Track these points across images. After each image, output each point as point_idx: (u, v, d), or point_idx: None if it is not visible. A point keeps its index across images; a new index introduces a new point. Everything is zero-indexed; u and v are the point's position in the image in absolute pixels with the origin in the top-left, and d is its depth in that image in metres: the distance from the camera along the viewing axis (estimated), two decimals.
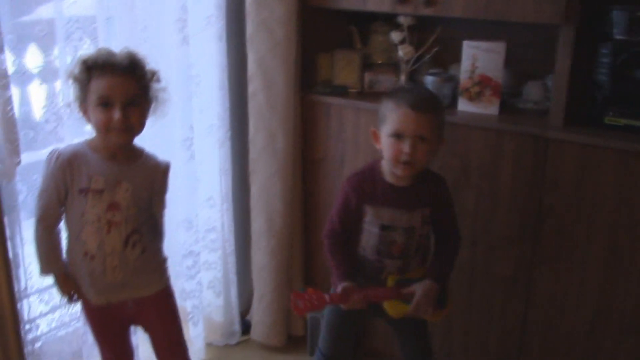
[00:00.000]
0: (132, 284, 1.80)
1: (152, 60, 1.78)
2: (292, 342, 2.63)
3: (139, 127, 1.72)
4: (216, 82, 2.32)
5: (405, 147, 1.70)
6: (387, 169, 1.81)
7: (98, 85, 1.66)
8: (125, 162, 1.76)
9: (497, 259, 2.14)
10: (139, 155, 1.81)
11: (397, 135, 1.72)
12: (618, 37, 1.85)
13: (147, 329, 1.93)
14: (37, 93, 1.94)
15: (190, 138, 2.25)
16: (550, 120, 1.96)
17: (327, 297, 1.78)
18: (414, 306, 1.77)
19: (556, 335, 2.09)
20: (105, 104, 1.66)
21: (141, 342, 2.12)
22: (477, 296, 2.21)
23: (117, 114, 1.65)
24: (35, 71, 1.90)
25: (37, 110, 1.94)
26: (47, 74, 1.91)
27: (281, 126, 2.34)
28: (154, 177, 1.81)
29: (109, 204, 1.71)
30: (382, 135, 1.78)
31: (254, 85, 2.34)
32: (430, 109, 1.73)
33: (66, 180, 1.70)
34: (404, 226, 1.81)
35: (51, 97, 1.92)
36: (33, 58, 1.88)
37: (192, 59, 2.23)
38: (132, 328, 2.00)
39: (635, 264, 1.89)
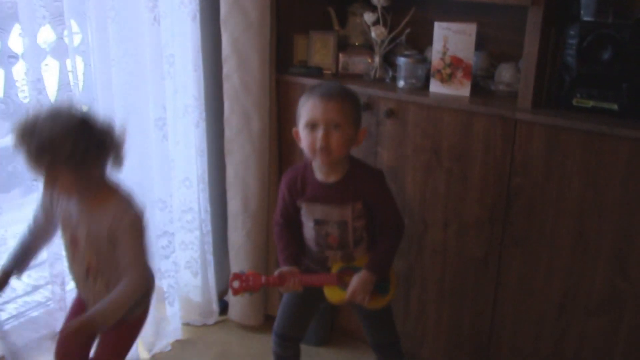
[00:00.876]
0: None
1: (123, 40, 1.77)
2: (269, 322, 2.61)
3: (71, 188, 1.67)
4: (191, 63, 2.32)
5: (319, 134, 1.76)
6: (317, 166, 1.87)
7: None
8: (89, 205, 1.73)
9: (469, 240, 2.15)
10: (106, 199, 1.74)
11: (311, 125, 1.78)
12: (586, 18, 1.85)
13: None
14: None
15: (163, 118, 2.25)
16: (518, 102, 1.96)
17: (263, 279, 1.88)
18: (349, 294, 1.85)
19: (526, 316, 2.11)
20: None
21: None
22: (450, 277, 2.23)
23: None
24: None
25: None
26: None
27: (256, 107, 2.34)
28: (112, 228, 1.71)
29: (71, 236, 1.77)
30: (300, 131, 1.83)
31: (229, 66, 2.33)
32: (339, 97, 1.78)
33: (49, 203, 1.81)
34: (336, 220, 1.87)
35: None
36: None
37: (165, 39, 2.23)
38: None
39: (602, 244, 1.91)
